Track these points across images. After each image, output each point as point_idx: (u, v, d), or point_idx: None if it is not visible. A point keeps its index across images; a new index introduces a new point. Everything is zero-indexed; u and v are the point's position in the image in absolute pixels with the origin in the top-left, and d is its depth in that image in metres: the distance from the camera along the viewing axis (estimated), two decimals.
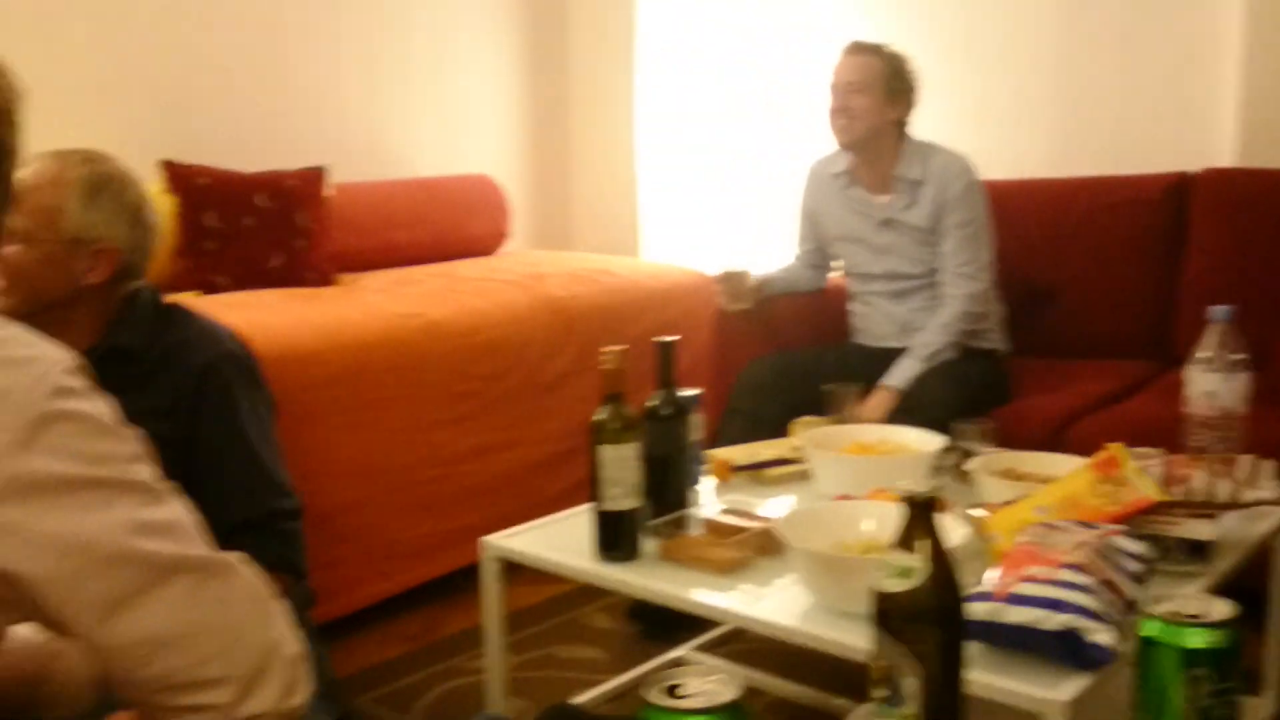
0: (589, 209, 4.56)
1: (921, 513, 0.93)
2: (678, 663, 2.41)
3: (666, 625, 2.50)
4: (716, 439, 2.60)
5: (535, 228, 4.47)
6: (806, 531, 1.67)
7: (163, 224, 1.95)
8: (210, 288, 3.08)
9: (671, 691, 0.74)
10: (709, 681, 0.73)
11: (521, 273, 3.38)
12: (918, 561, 0.92)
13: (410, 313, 2.90)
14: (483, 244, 3.94)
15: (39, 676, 1.10)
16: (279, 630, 0.96)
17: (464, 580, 2.79)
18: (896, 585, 0.92)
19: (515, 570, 1.95)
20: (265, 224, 3.21)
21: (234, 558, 0.95)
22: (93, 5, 3.20)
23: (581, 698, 2.26)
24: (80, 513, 0.85)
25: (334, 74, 3.80)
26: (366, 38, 3.89)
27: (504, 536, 1.98)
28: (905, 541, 0.93)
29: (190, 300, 2.62)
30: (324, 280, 3.27)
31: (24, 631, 1.07)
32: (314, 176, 3.35)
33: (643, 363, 1.96)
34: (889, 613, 0.93)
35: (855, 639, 1.51)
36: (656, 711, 0.72)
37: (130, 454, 0.90)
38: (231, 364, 1.86)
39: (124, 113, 3.26)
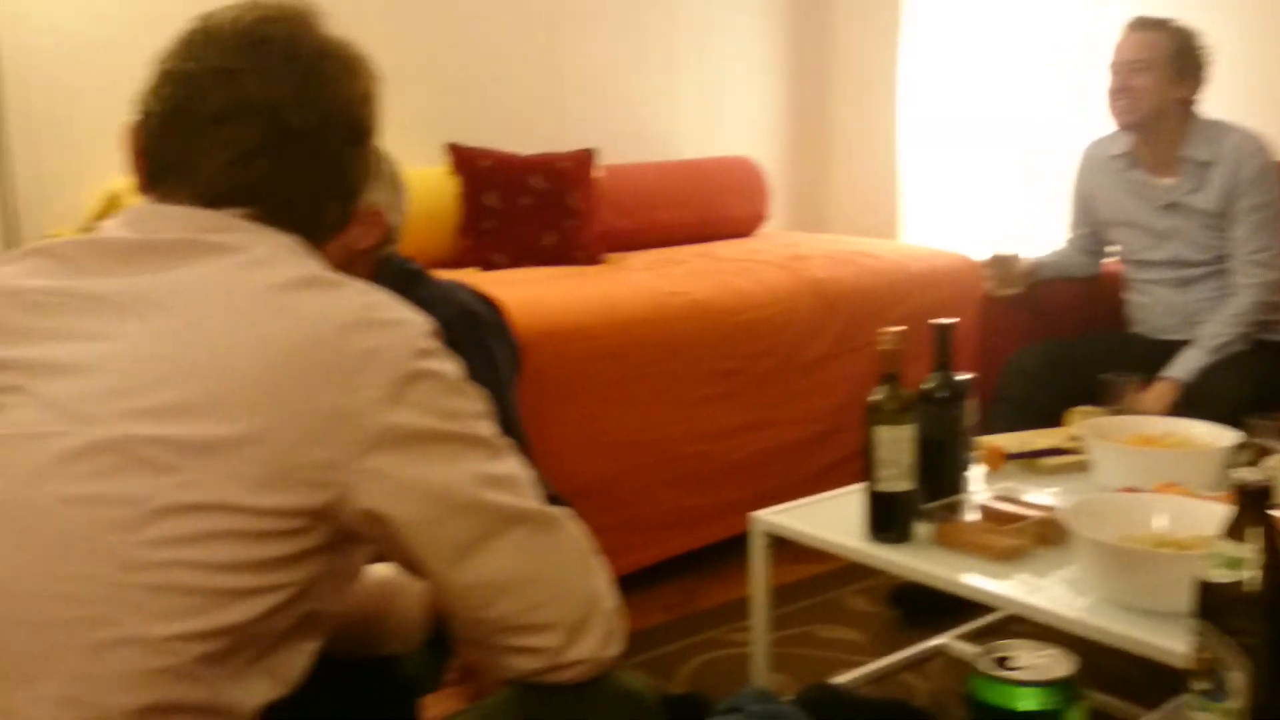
0: (847, 190, 4.53)
1: (1254, 502, 0.90)
2: (939, 651, 2.39)
3: (928, 611, 2.48)
4: (984, 426, 2.55)
5: (792, 209, 4.47)
6: (1093, 522, 1.63)
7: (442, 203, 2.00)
8: (488, 265, 3.24)
9: (1001, 663, 0.75)
10: (1041, 656, 0.74)
11: (782, 254, 3.40)
12: (1248, 552, 0.89)
13: (676, 291, 2.97)
14: (742, 225, 3.98)
15: (380, 612, 1.21)
16: (600, 582, 1.02)
17: (722, 554, 2.85)
18: (1225, 576, 0.89)
19: (777, 547, 1.98)
20: (540, 204, 3.35)
21: (562, 512, 1.01)
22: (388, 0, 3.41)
23: (841, 678, 2.27)
24: (438, 463, 0.93)
25: (604, 60, 3.92)
26: (635, 24, 3.98)
27: (773, 512, 2.01)
28: (1235, 531, 0.90)
29: (470, 276, 2.78)
30: (592, 259, 3.39)
31: (376, 570, 1.18)
32: (585, 158, 3.47)
33: (908, 345, 1.95)
34: (1215, 604, 0.90)
35: (1144, 634, 1.47)
36: (986, 682, 0.73)
37: (476, 411, 0.98)
38: (467, 321, 1.89)
39: (412, 98, 3.46)
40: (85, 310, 0.93)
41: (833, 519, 1.95)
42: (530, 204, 3.35)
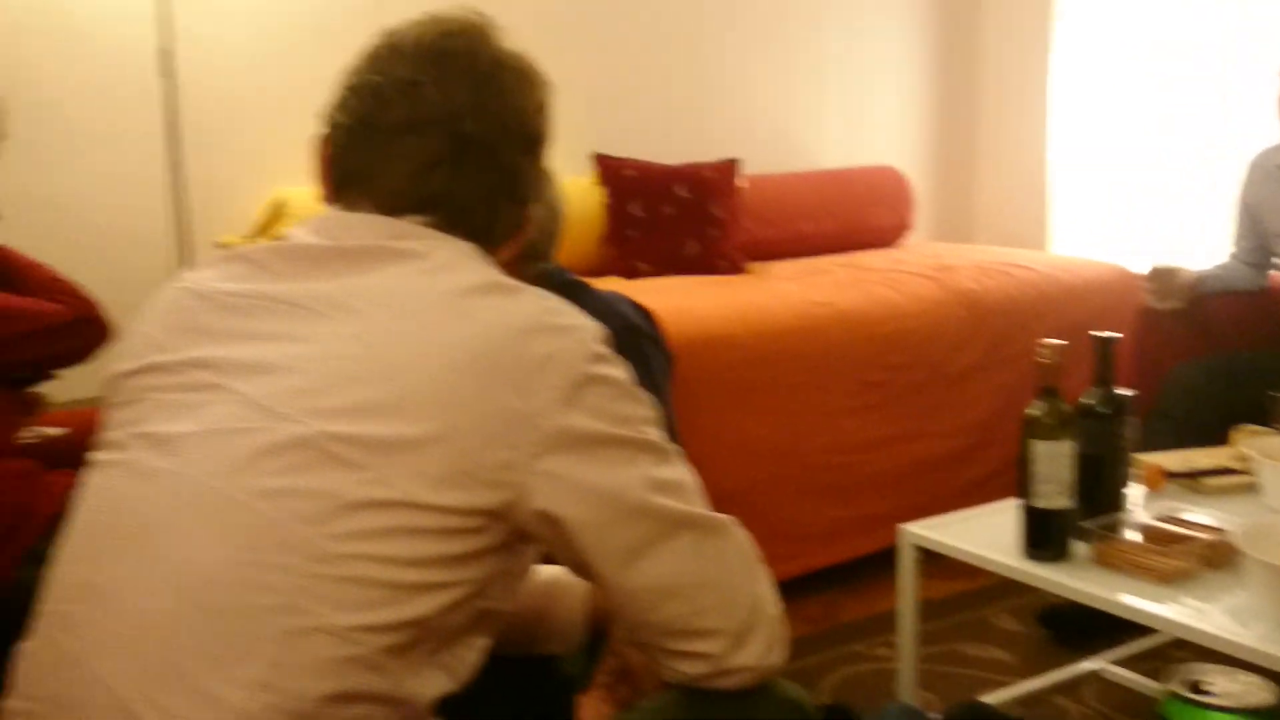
0: (994, 200, 4.44)
1: None
2: (1094, 674, 2.31)
3: (1080, 632, 2.41)
4: (1142, 443, 2.46)
5: (936, 219, 4.40)
6: (1266, 546, 1.56)
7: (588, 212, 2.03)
8: (632, 273, 3.28)
9: (1195, 688, 0.72)
10: (1238, 682, 0.71)
11: (928, 264, 3.35)
12: None
13: (820, 301, 2.95)
14: (885, 235, 3.94)
15: (543, 611, 1.24)
16: (765, 589, 1.03)
17: (863, 568, 2.81)
18: None
19: (924, 561, 1.94)
20: (683, 213, 3.37)
21: (728, 519, 1.02)
22: (536, 13, 3.47)
23: (989, 697, 2.22)
24: (611, 467, 0.95)
25: (748, 69, 3.93)
26: (779, 34, 3.98)
27: (923, 526, 1.98)
28: None
29: (615, 284, 2.81)
30: (735, 268, 3.39)
31: (541, 570, 1.21)
32: (728, 168, 3.47)
33: (1066, 358, 1.89)
34: None
35: None
36: (1181, 706, 0.71)
37: (646, 416, 0.99)
38: (628, 333, 1.91)
39: (559, 108, 3.51)
40: (279, 313, 0.98)
41: (985, 535, 1.91)
42: (674, 213, 3.37)
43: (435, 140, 1.03)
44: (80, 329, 1.53)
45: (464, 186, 1.05)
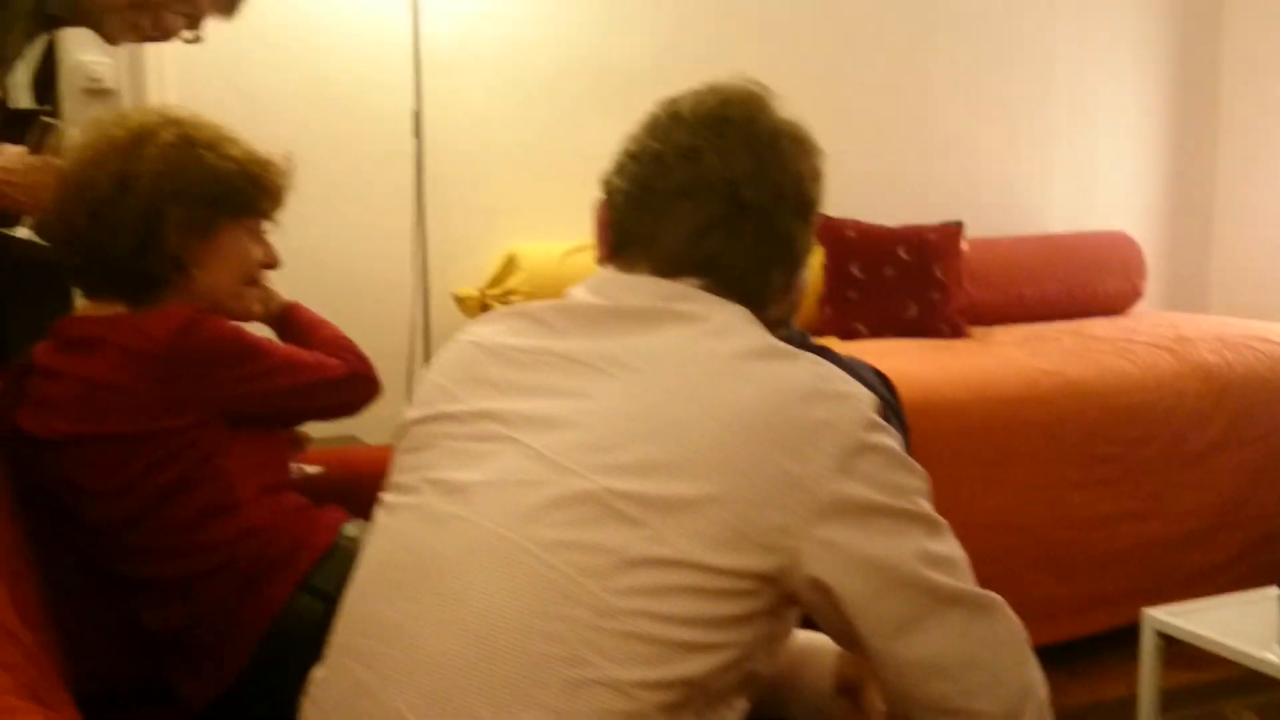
0: (1232, 268, 4.22)
1: None
2: None
3: None
4: None
5: (1169, 287, 4.22)
6: None
7: (809, 272, 2.06)
8: (850, 334, 3.25)
9: None
10: None
11: (1162, 335, 3.20)
12: None
13: (1049, 369, 2.86)
14: (1114, 302, 3.80)
15: (793, 677, 1.23)
16: (1035, 673, 1.00)
17: (1086, 648, 2.69)
18: None
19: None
20: (904, 275, 3.33)
21: (998, 599, 1.00)
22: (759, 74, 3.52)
23: None
24: (884, 537, 0.94)
25: (975, 132, 3.87)
26: (1008, 96, 3.91)
27: (1169, 612, 1.89)
28: None
29: (833, 345, 2.79)
30: (956, 332, 3.33)
31: (801, 634, 1.20)
32: (951, 231, 3.42)
33: None
34: None
35: None
36: None
37: (919, 487, 0.98)
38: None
39: None
40: (562, 369, 1.01)
41: (1238, 624, 1.81)
42: (894, 275, 3.34)
43: (713, 205, 1.06)
44: (355, 385, 1.59)
45: (739, 251, 1.07)
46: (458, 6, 3.19)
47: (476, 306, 3.12)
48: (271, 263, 1.58)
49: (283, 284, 1.77)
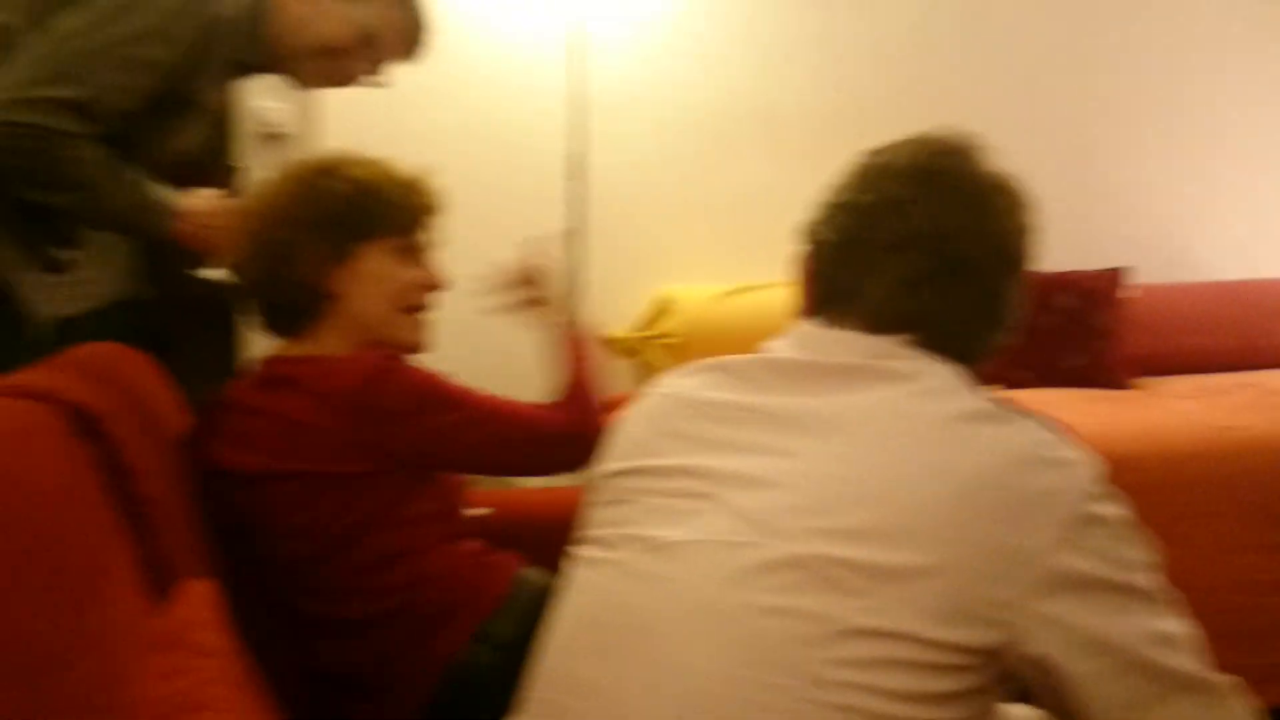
0: None
1: None
2: None
3: None
4: None
5: None
6: None
7: None
8: (1011, 383, 3.15)
9: None
10: None
11: None
12: None
13: (1225, 424, 2.72)
14: None
15: None
16: None
17: None
18: None
19: None
20: (1066, 323, 3.22)
21: (1230, 683, 0.93)
22: (918, 117, 3.47)
23: None
24: (1110, 615, 0.89)
25: (1139, 174, 3.74)
26: (1172, 136, 3.77)
27: None
28: None
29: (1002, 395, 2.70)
30: (1120, 383, 3.20)
31: (1017, 711, 1.15)
32: (1114, 277, 3.30)
33: None
34: None
35: None
36: None
37: (1144, 561, 0.93)
38: None
39: None
40: (767, 426, 0.99)
41: None
42: (1056, 322, 3.23)
43: (924, 259, 1.03)
44: (571, 445, 1.46)
45: (949, 307, 1.03)
46: (616, 50, 3.22)
47: (628, 349, 3.13)
48: (431, 284, 1.55)
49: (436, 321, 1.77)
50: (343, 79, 1.82)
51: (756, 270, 3.26)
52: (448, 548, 1.46)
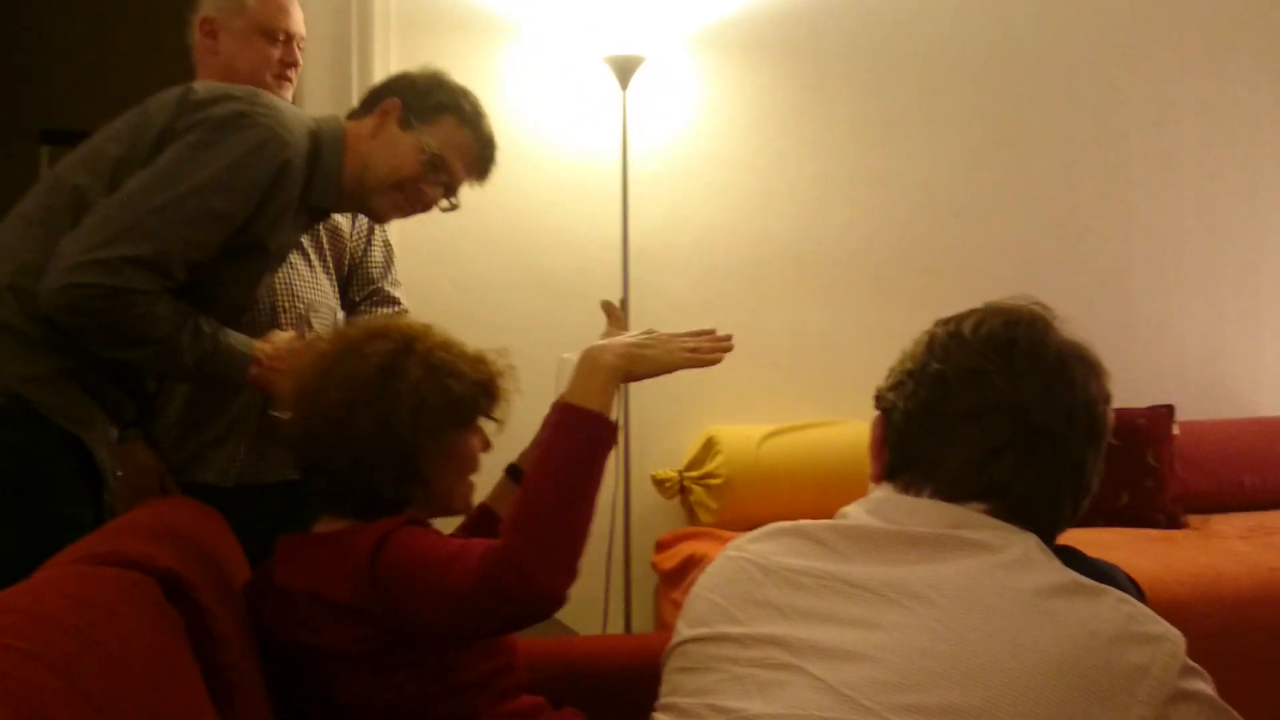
0: None
1: None
2: None
3: None
4: None
5: None
6: None
7: None
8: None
9: None
10: None
11: None
12: None
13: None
14: None
15: None
16: None
17: None
18: None
19: None
20: (1114, 461, 3.16)
21: None
22: (966, 262, 3.51)
23: None
24: None
25: (1178, 313, 3.76)
26: (1213, 272, 3.80)
27: None
28: None
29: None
30: (1172, 522, 3.17)
31: None
32: (1162, 414, 3.30)
33: None
34: None
35: None
36: None
37: None
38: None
39: None
40: (849, 596, 0.99)
41: None
42: (1104, 461, 3.21)
43: (1002, 429, 1.04)
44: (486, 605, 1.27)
45: (1029, 477, 1.04)
46: (663, 200, 3.30)
47: (675, 489, 3.13)
48: (488, 447, 1.56)
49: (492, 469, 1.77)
50: (418, 207, 1.83)
51: (798, 411, 3.28)
52: (504, 706, 1.43)
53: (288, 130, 1.66)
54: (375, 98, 1.81)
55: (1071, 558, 1.87)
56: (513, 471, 1.73)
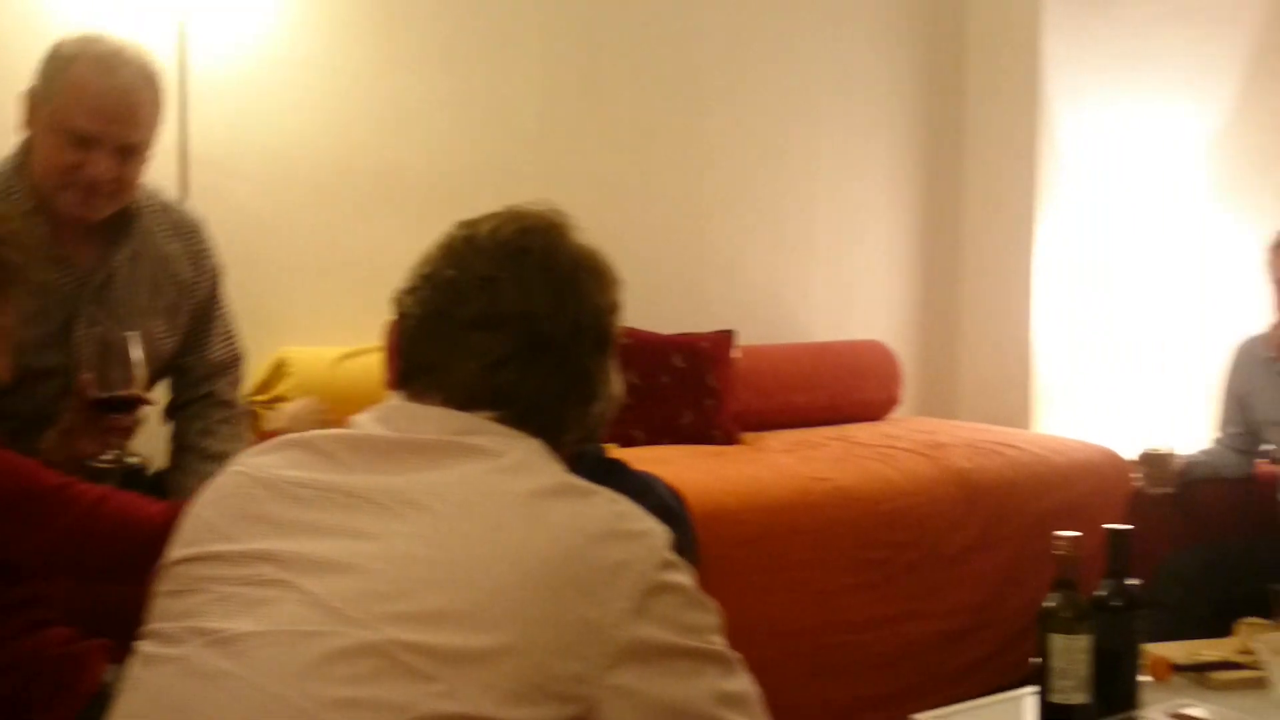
0: (978, 377, 4.50)
1: None
2: None
3: None
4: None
5: (922, 395, 4.45)
6: None
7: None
8: (627, 440, 3.27)
9: None
10: None
11: (920, 440, 3.36)
12: None
13: (819, 476, 2.95)
14: (874, 409, 3.97)
15: None
16: None
17: None
18: None
19: None
20: (679, 382, 3.39)
21: None
22: (541, 187, 3.55)
23: None
24: (679, 680, 0.93)
25: (745, 244, 4.02)
26: (775, 211, 4.09)
27: (935, 717, 1.95)
28: None
29: (614, 453, 2.80)
30: (729, 438, 3.40)
31: None
32: (724, 339, 3.52)
33: (1043, 543, 1.89)
34: None
35: None
36: None
37: (713, 624, 0.98)
38: (667, 518, 1.92)
39: None
40: (346, 506, 0.96)
41: None
42: (670, 382, 3.39)
43: (510, 337, 1.04)
44: None
45: (536, 385, 1.05)
46: (228, 104, 3.09)
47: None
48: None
49: None
50: None
51: (376, 332, 3.21)
52: (30, 638, 1.33)
53: None
54: None
55: (612, 470, 1.95)
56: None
